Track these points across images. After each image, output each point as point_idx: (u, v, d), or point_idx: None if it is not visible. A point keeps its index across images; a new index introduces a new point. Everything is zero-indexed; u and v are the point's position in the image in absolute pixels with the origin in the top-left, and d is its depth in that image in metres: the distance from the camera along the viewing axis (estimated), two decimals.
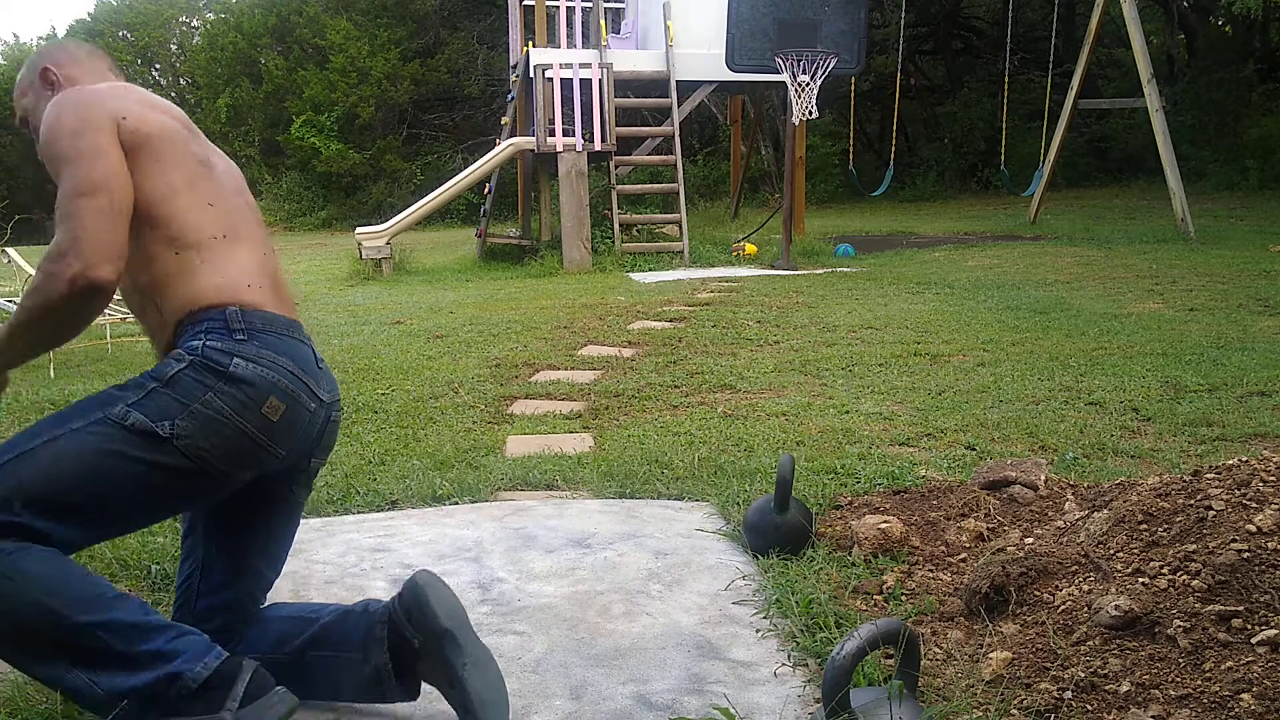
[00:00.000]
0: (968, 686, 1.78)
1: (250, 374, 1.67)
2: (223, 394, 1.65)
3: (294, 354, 1.74)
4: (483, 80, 20.20)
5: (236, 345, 1.68)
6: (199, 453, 1.64)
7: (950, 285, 7.65)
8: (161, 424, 1.62)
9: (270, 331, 1.73)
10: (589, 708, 1.82)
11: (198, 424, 1.63)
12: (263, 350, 1.70)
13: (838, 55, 8.94)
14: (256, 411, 1.67)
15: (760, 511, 2.49)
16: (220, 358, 1.66)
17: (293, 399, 1.71)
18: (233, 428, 1.65)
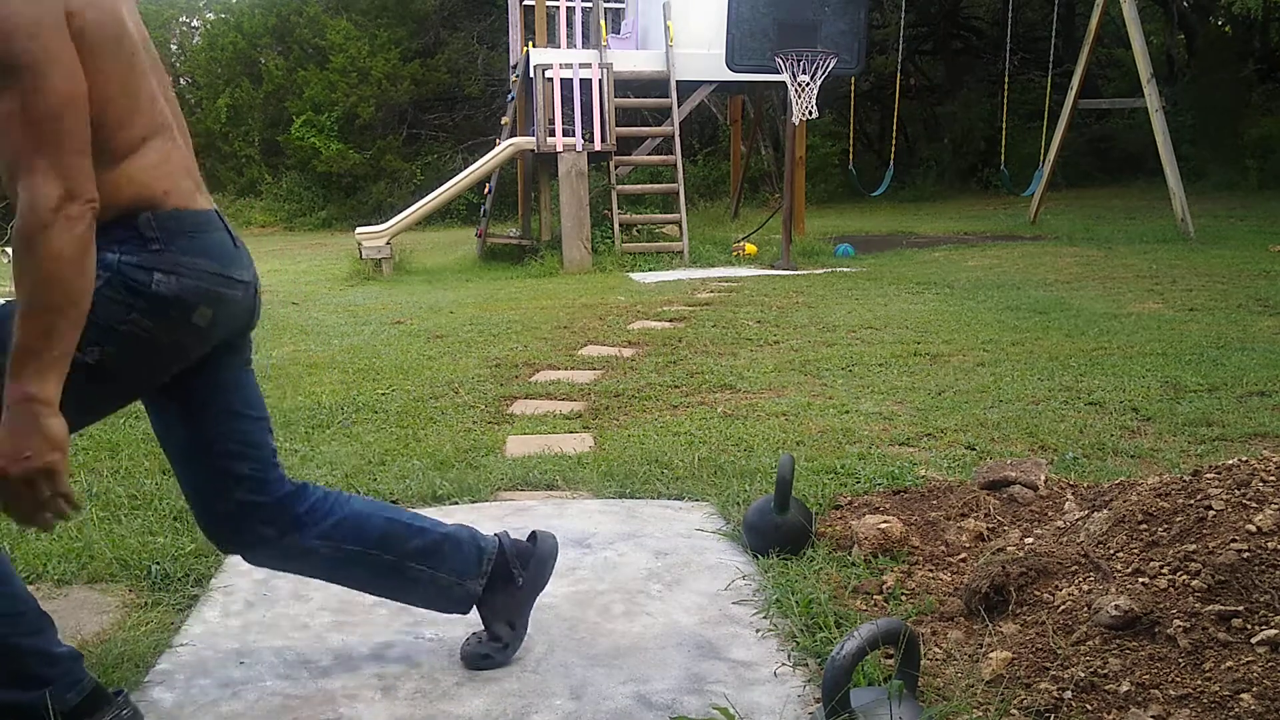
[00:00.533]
0: (968, 686, 1.78)
1: (173, 289, 1.59)
2: (148, 313, 1.58)
3: (210, 250, 1.65)
4: (483, 80, 20.19)
5: (154, 258, 1.58)
6: (130, 369, 1.61)
7: (950, 285, 7.65)
8: (87, 352, 1.52)
9: (185, 233, 1.62)
10: (589, 707, 1.82)
11: (124, 346, 1.58)
12: (180, 258, 1.60)
13: (838, 55, 8.94)
14: (186, 323, 1.62)
15: (760, 511, 2.49)
16: (139, 275, 1.57)
17: (218, 299, 1.65)
18: (163, 342, 1.62)
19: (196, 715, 1.82)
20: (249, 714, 1.82)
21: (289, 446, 3.60)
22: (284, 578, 2.41)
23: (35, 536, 2.66)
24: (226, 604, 2.27)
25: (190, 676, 1.96)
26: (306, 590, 2.34)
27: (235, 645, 2.08)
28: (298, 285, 9.53)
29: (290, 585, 2.37)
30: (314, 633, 2.13)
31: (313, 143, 19.48)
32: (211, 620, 2.20)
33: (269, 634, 2.12)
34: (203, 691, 1.90)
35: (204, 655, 2.03)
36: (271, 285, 9.55)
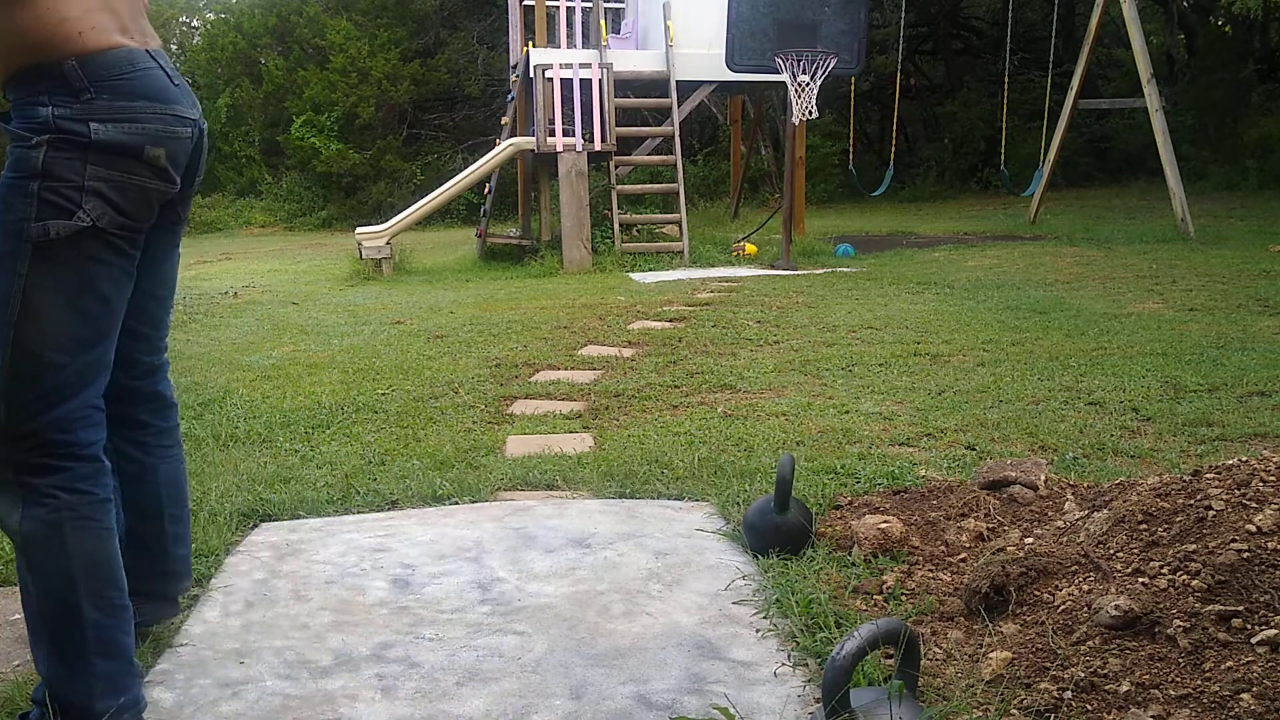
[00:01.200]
0: (968, 686, 1.78)
1: (115, 136, 1.59)
2: (100, 162, 1.59)
3: (147, 89, 1.64)
4: (483, 80, 20.19)
5: (86, 107, 1.57)
6: (118, 219, 1.63)
7: (950, 285, 7.65)
8: (79, 218, 1.58)
9: (115, 76, 1.60)
10: (589, 708, 1.82)
11: (100, 199, 1.60)
12: (115, 102, 1.59)
13: (838, 55, 8.94)
14: (141, 163, 1.63)
15: (760, 511, 2.49)
16: (76, 127, 1.57)
17: (167, 138, 1.67)
18: (130, 185, 1.63)
19: (196, 715, 1.82)
20: (249, 714, 1.82)
21: (289, 446, 3.61)
22: (284, 577, 2.42)
23: None
24: (226, 604, 2.27)
25: (190, 676, 1.96)
26: (306, 590, 2.34)
27: (235, 645, 2.08)
28: (298, 285, 9.52)
29: (290, 585, 2.37)
30: (314, 633, 2.13)
31: (313, 143, 19.47)
32: (211, 620, 2.20)
33: (269, 634, 2.12)
34: (203, 691, 1.90)
35: (204, 655, 2.03)
36: (271, 285, 9.55)
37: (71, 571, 1.62)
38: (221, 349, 5.84)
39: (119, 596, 1.70)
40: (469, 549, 2.57)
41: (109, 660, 1.66)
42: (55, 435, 1.62)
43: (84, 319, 1.64)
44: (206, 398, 4.41)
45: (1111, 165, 20.34)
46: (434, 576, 2.41)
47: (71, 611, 1.63)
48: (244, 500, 2.94)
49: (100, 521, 1.67)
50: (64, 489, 1.62)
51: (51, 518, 1.61)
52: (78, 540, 1.63)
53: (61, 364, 1.62)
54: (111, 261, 1.66)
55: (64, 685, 1.65)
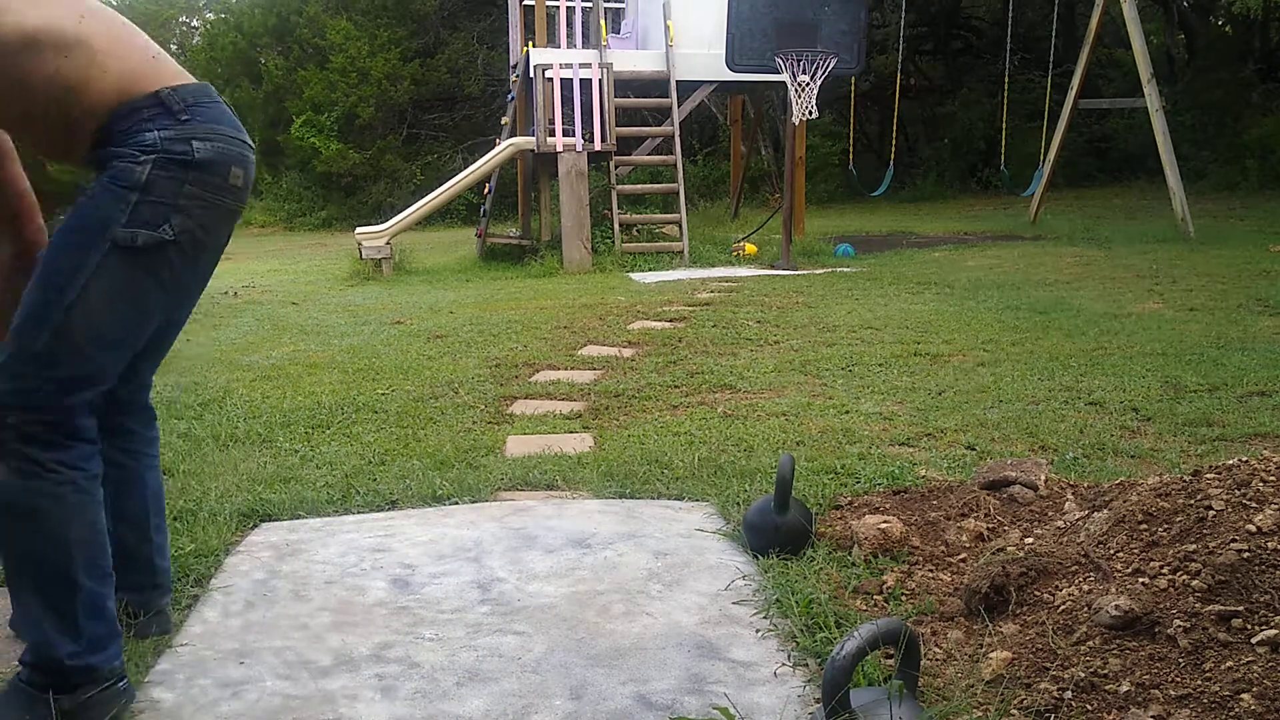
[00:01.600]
0: (968, 686, 1.78)
1: (211, 155, 1.76)
2: (197, 182, 1.74)
3: (226, 118, 1.82)
4: (483, 80, 20.19)
5: (187, 128, 1.74)
6: (197, 239, 1.79)
7: (950, 285, 7.65)
8: (164, 230, 1.72)
9: (201, 103, 1.78)
10: (589, 708, 1.82)
11: (190, 217, 1.75)
12: (208, 125, 1.77)
13: (838, 55, 8.93)
14: (226, 185, 1.80)
15: (760, 511, 2.49)
16: (180, 147, 1.72)
17: (244, 160, 1.84)
18: (216, 207, 1.80)
19: (196, 715, 1.82)
20: (249, 714, 1.82)
21: (289, 446, 3.61)
22: (284, 578, 2.42)
23: None
24: (226, 604, 2.27)
25: (190, 676, 1.95)
26: (306, 590, 2.34)
27: (235, 645, 2.08)
28: (298, 285, 9.53)
29: (290, 585, 2.37)
30: (314, 633, 2.13)
31: (313, 143, 19.48)
32: (211, 620, 2.19)
33: (269, 634, 2.12)
34: (203, 691, 1.90)
35: (204, 655, 2.03)
36: (271, 285, 9.55)
37: (69, 541, 1.74)
38: (221, 349, 5.84)
39: (108, 564, 1.82)
40: (469, 549, 2.57)
41: (96, 622, 1.77)
42: (65, 418, 1.74)
43: (123, 324, 1.79)
44: (206, 398, 4.41)
45: (1111, 165, 20.34)
46: (434, 576, 2.41)
47: (67, 579, 1.74)
48: (244, 500, 2.94)
49: (95, 495, 1.79)
50: (67, 464, 1.74)
51: (55, 490, 1.72)
52: (79, 511, 1.75)
53: (90, 356, 1.75)
54: (175, 279, 1.82)
55: (52, 647, 1.74)
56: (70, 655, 1.74)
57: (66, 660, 1.74)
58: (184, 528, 2.70)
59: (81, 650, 1.75)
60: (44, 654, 1.75)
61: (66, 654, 1.74)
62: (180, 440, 3.69)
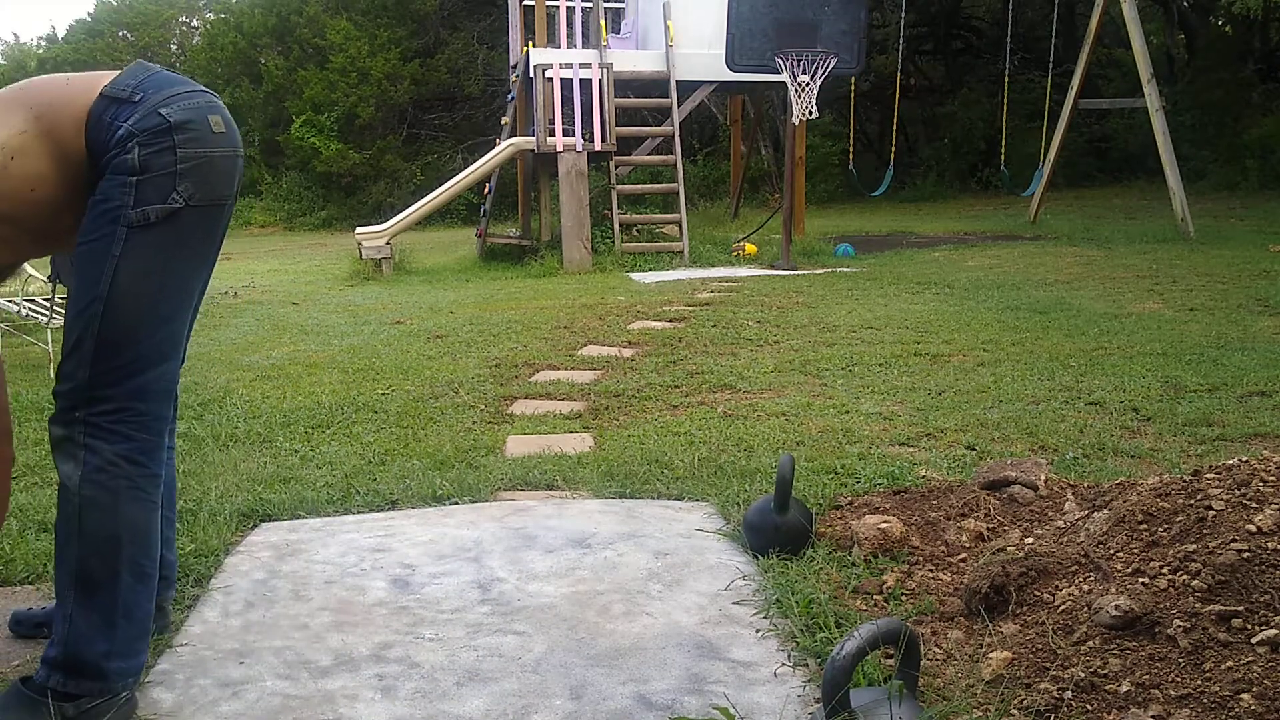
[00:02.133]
0: (968, 686, 1.78)
1: (183, 113, 1.77)
2: (184, 143, 1.76)
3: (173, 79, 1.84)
4: (483, 80, 20.19)
5: (144, 104, 1.75)
6: (209, 195, 1.81)
7: (950, 285, 7.65)
8: (173, 199, 1.75)
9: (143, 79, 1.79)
10: (589, 708, 1.82)
11: (191, 180, 1.77)
12: (163, 89, 1.78)
13: (838, 55, 8.93)
14: (211, 133, 1.81)
15: (760, 511, 2.49)
16: (154, 120, 1.74)
17: (215, 107, 1.85)
18: (211, 158, 1.80)
19: (196, 715, 1.82)
20: (249, 714, 1.82)
21: (289, 446, 3.61)
22: (284, 578, 2.42)
23: (35, 537, 2.66)
24: (226, 604, 2.27)
25: (190, 676, 1.95)
26: (306, 590, 2.34)
27: (235, 645, 2.08)
28: (298, 285, 9.53)
29: (290, 585, 2.37)
30: (314, 633, 2.13)
31: (313, 143, 19.48)
32: (211, 620, 2.19)
33: (269, 634, 2.12)
34: (203, 691, 1.90)
35: (204, 655, 2.03)
36: (271, 285, 9.55)
37: (120, 538, 1.76)
38: (221, 349, 5.84)
39: (151, 566, 1.83)
40: (469, 549, 2.57)
41: (131, 624, 1.79)
42: (132, 403, 1.76)
43: (164, 297, 1.80)
44: (206, 398, 4.41)
45: (1111, 165, 20.35)
46: (434, 576, 2.41)
47: (111, 575, 1.76)
48: (244, 500, 2.94)
49: (151, 495, 1.81)
50: (126, 459, 1.76)
51: (111, 484, 1.75)
52: (130, 510, 1.77)
53: (143, 336, 1.78)
54: (200, 242, 1.84)
55: (86, 644, 1.75)
56: (103, 656, 1.75)
57: (99, 661, 1.74)
58: (184, 528, 2.70)
59: (113, 652, 1.76)
60: (75, 651, 1.74)
61: (100, 653, 1.75)
62: (180, 440, 3.68)
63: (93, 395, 1.74)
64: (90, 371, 1.74)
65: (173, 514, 2.14)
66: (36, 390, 4.71)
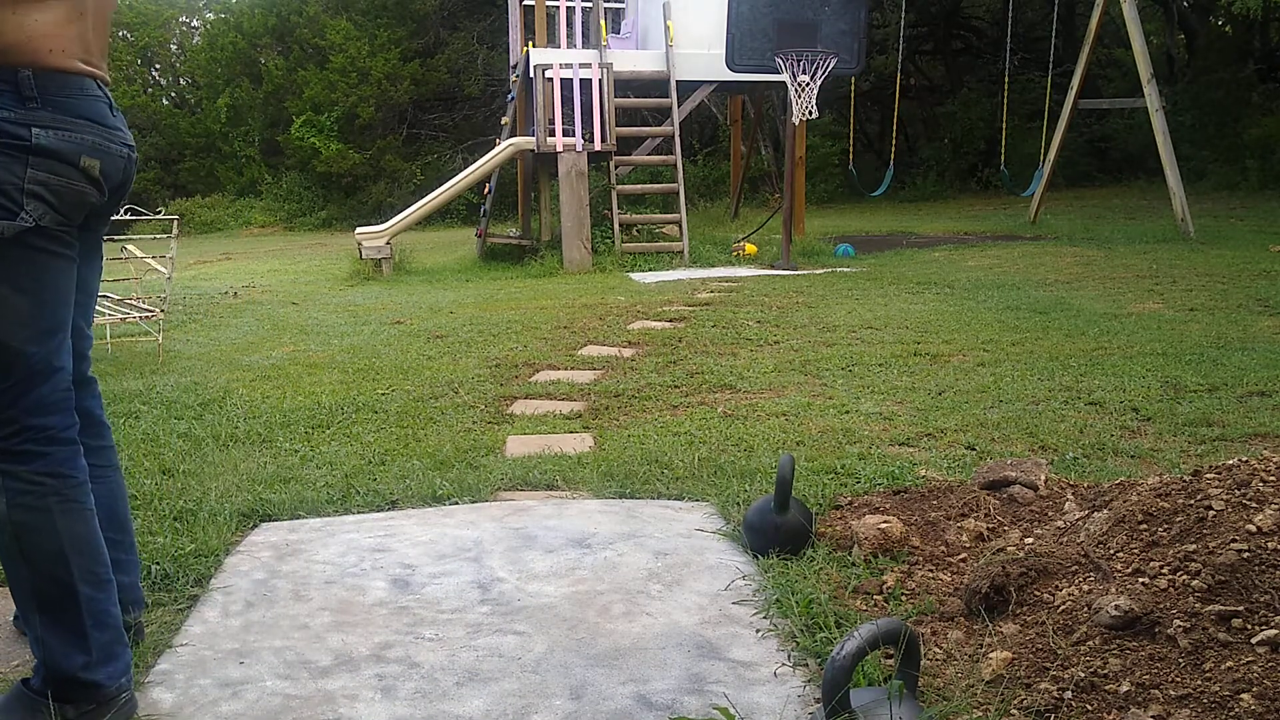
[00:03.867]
0: (968, 686, 1.78)
1: (53, 143, 1.71)
2: (39, 166, 1.70)
3: (88, 111, 1.77)
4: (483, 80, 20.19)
5: (31, 114, 1.69)
6: (60, 218, 1.74)
7: (950, 285, 7.65)
8: (22, 218, 1.69)
9: (64, 94, 1.74)
10: (589, 708, 1.82)
11: (39, 201, 1.71)
12: (59, 115, 1.72)
13: (838, 55, 8.94)
14: (77, 170, 1.74)
15: (760, 511, 2.49)
16: (18, 130, 1.68)
17: (102, 151, 1.79)
18: (66, 188, 1.74)
19: (196, 715, 1.82)
20: (249, 714, 1.82)
21: (289, 446, 3.61)
22: (284, 578, 2.42)
23: None
24: (226, 604, 2.27)
25: (190, 676, 1.95)
26: (306, 590, 2.34)
27: (235, 645, 2.08)
28: (298, 285, 9.53)
29: (290, 585, 2.37)
30: (314, 633, 2.13)
31: (313, 143, 19.47)
32: (211, 620, 2.19)
33: (269, 634, 2.12)
34: (203, 691, 1.90)
35: (204, 655, 2.03)
36: (271, 285, 9.55)
37: (64, 552, 1.74)
38: (221, 349, 5.84)
39: (105, 572, 1.81)
40: (469, 549, 2.57)
41: (103, 631, 1.78)
42: (33, 420, 1.73)
43: (42, 307, 1.74)
44: (206, 398, 4.41)
45: (1111, 165, 20.35)
46: (434, 576, 2.41)
47: (67, 590, 1.75)
48: (244, 500, 2.94)
49: (83, 503, 1.79)
50: (48, 474, 1.74)
51: (40, 504, 1.73)
52: (66, 522, 1.75)
53: (30, 352, 1.72)
54: (58, 253, 1.77)
55: (64, 660, 1.75)
56: (83, 668, 1.75)
57: (80, 674, 1.75)
58: (184, 528, 2.70)
59: (93, 662, 1.76)
60: (56, 669, 1.75)
61: (80, 666, 1.75)
62: (180, 440, 3.69)
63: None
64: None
65: (120, 536, 2.05)
66: None
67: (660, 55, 10.75)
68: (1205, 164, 17.39)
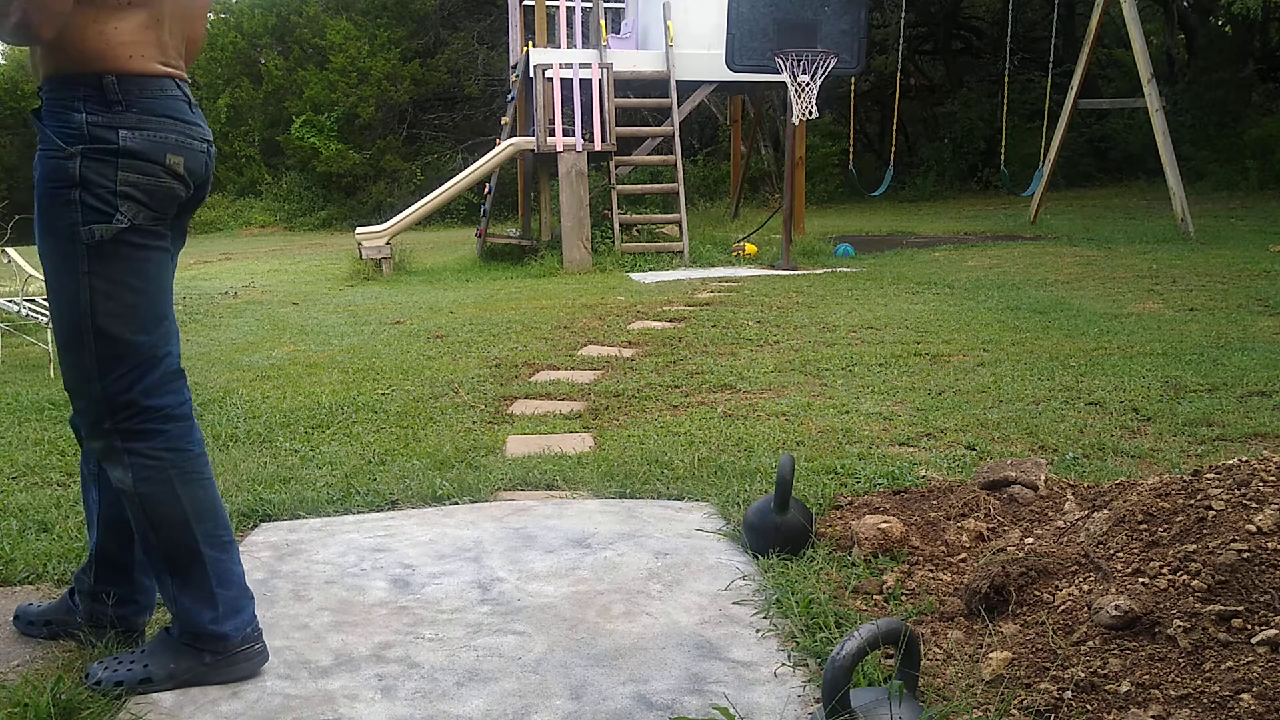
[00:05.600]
0: (968, 686, 1.78)
1: (139, 144, 1.80)
2: (128, 167, 1.80)
3: (169, 110, 1.86)
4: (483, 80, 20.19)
5: (117, 117, 1.78)
6: (151, 216, 1.84)
7: (950, 285, 7.65)
8: (118, 220, 1.80)
9: (146, 96, 1.82)
10: (589, 708, 1.82)
11: (132, 202, 1.81)
12: (143, 116, 1.81)
13: (838, 55, 8.94)
14: (164, 168, 1.84)
15: (760, 511, 2.48)
16: (106, 134, 1.78)
17: (184, 148, 1.88)
18: (156, 186, 1.84)
19: (196, 715, 1.82)
20: (249, 714, 1.82)
21: (289, 447, 3.61)
22: (284, 578, 2.42)
23: (35, 536, 2.66)
24: None
25: None
26: (306, 590, 2.34)
27: None
28: (298, 285, 9.53)
29: (290, 585, 2.37)
30: (314, 632, 2.13)
31: (313, 143, 19.48)
32: None
33: (269, 634, 2.12)
34: (203, 691, 1.90)
35: None
36: (271, 285, 9.55)
37: (187, 520, 1.90)
38: (221, 349, 5.84)
39: (227, 534, 1.97)
40: (469, 549, 2.57)
41: (228, 588, 1.94)
42: (149, 401, 1.87)
43: (146, 299, 1.87)
44: (206, 398, 4.41)
45: (1111, 165, 20.35)
46: (434, 576, 2.41)
47: (193, 553, 1.91)
48: (244, 500, 2.94)
49: (202, 473, 1.94)
50: (166, 449, 1.89)
51: (162, 477, 1.88)
52: (188, 492, 1.91)
53: (139, 341, 1.86)
54: (154, 246, 1.88)
55: (195, 616, 1.91)
56: (210, 621, 1.90)
57: (209, 627, 1.90)
58: None
59: (219, 616, 1.91)
60: (188, 624, 1.91)
61: (208, 620, 1.90)
62: None
63: (113, 405, 1.85)
64: (100, 388, 1.84)
65: None
66: (36, 390, 4.71)
67: (660, 55, 10.75)
68: (1205, 164, 17.38)
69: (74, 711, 1.78)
